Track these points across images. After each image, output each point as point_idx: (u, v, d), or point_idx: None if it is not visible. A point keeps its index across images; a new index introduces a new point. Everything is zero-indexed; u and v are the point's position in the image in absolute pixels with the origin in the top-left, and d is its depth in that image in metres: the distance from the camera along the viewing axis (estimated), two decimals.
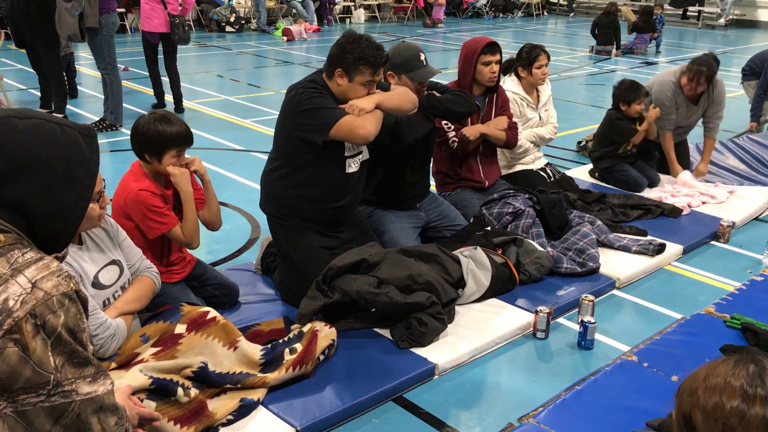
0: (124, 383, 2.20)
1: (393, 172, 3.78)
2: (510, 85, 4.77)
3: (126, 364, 2.45)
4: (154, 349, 2.51)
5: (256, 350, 2.69)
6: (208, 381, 2.52)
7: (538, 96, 4.88)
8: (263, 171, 3.50)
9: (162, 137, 2.89)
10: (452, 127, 4.20)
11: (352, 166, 3.36)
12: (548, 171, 4.92)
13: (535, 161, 4.90)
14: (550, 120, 4.95)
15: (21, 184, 1.36)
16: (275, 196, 3.42)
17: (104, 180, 2.39)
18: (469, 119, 4.26)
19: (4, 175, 1.35)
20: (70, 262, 2.43)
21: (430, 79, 3.74)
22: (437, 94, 3.76)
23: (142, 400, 2.26)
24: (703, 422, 1.36)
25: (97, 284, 2.53)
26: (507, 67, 4.90)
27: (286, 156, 3.34)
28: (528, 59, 4.73)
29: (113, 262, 2.61)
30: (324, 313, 3.06)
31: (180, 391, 2.36)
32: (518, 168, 4.83)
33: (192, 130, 3.04)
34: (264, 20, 15.24)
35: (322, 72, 3.30)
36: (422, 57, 3.65)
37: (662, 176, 5.38)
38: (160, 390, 2.34)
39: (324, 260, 3.22)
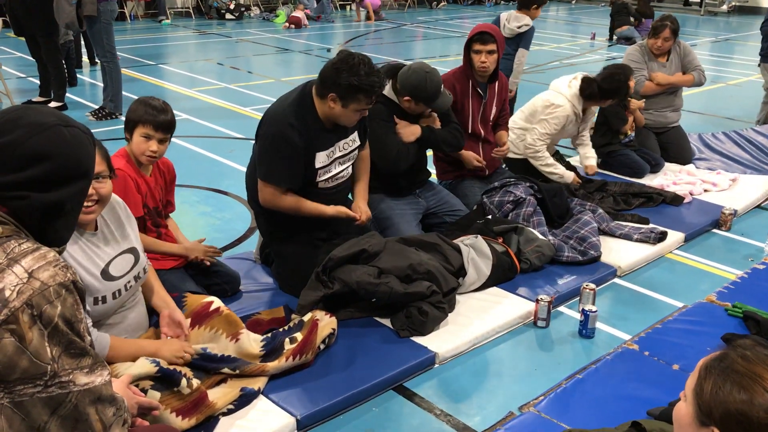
0: (131, 371, 2.21)
1: None
2: (566, 95, 4.60)
3: None
4: None
5: (256, 344, 2.68)
6: (209, 363, 2.53)
7: (586, 113, 4.82)
8: (247, 168, 3.45)
9: (134, 114, 2.91)
10: None
11: (329, 183, 3.30)
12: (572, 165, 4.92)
13: None
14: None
15: (66, 190, 1.44)
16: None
17: (111, 170, 2.37)
18: (474, 120, 4.25)
19: (54, 181, 1.42)
20: (77, 257, 2.31)
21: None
22: (438, 125, 3.82)
23: (146, 390, 2.25)
24: None
25: (106, 274, 2.38)
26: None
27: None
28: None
29: (129, 250, 2.48)
30: (324, 302, 3.05)
31: (183, 381, 2.35)
32: (521, 156, 4.80)
33: (191, 118, 3.03)
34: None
35: (310, 86, 3.15)
36: (442, 89, 3.67)
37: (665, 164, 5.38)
38: (165, 378, 2.33)
39: (317, 248, 3.21)
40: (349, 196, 3.58)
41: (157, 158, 2.99)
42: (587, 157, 4.92)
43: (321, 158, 3.19)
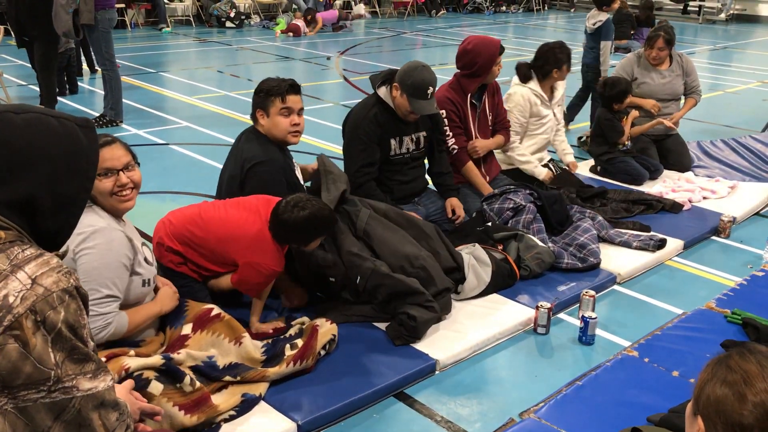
0: (139, 363, 2.30)
1: (387, 173, 3.83)
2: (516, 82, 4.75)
3: None
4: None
5: (257, 348, 2.70)
6: (212, 371, 2.54)
7: (553, 92, 4.85)
8: None
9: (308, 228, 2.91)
10: (450, 134, 4.20)
11: None
12: (550, 167, 4.91)
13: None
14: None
15: (27, 179, 1.36)
16: None
17: (135, 158, 2.49)
18: (473, 129, 4.26)
19: (9, 170, 1.35)
20: (130, 234, 2.47)
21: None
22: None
23: (149, 381, 2.30)
24: None
25: (146, 260, 2.57)
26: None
27: None
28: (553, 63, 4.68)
29: (143, 244, 2.65)
30: (322, 304, 3.04)
31: (187, 379, 2.39)
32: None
33: (192, 126, 3.05)
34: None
35: (251, 129, 3.49)
36: (430, 91, 3.66)
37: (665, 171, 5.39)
38: (169, 372, 2.37)
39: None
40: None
41: None
42: (565, 153, 5.08)
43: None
